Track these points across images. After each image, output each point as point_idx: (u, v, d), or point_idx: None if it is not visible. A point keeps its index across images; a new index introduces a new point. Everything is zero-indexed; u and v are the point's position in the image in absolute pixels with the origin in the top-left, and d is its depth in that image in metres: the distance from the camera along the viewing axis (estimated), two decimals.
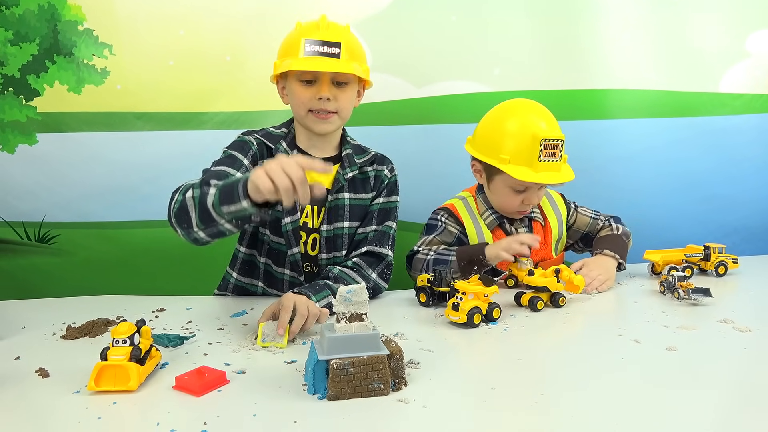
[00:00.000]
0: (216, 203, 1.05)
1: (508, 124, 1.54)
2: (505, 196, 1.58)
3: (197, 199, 1.09)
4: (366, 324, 0.90)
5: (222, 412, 0.82)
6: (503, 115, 1.59)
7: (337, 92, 1.39)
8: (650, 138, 2.21)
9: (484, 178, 1.62)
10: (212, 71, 2.05)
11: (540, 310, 1.33)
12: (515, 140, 1.51)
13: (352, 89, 1.44)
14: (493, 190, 1.60)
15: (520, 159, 1.50)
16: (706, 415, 0.83)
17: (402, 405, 0.85)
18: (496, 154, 1.52)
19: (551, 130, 1.51)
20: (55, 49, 1.98)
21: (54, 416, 0.83)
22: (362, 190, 1.50)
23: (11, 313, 1.29)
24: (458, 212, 1.64)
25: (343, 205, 1.47)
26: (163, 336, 1.11)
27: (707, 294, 1.36)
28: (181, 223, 1.13)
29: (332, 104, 1.39)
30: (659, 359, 1.03)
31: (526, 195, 1.56)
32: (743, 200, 2.28)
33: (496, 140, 1.54)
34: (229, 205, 1.03)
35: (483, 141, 1.58)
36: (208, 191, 1.07)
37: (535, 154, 1.48)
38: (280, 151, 1.44)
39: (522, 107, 1.59)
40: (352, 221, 1.48)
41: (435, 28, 2.12)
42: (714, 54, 2.23)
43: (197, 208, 1.09)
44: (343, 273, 1.39)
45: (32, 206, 2.06)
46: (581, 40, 2.18)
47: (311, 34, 1.37)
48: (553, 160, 1.50)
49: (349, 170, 1.47)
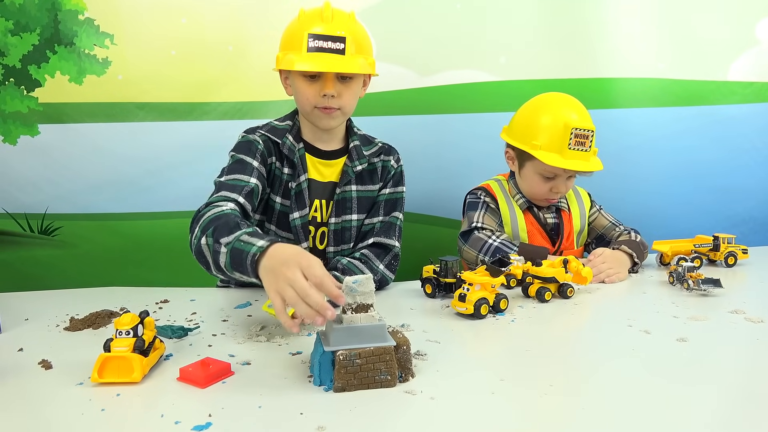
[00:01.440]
0: (228, 266, 1.03)
1: (543, 113, 1.62)
2: (535, 183, 1.65)
3: (211, 254, 1.07)
4: (372, 315, 0.89)
5: (227, 404, 0.81)
6: (539, 105, 1.66)
7: (341, 88, 1.36)
8: (658, 127, 2.19)
9: (516, 165, 1.70)
10: (215, 61, 2.03)
11: (548, 301, 1.31)
12: (548, 128, 1.59)
13: (357, 83, 1.40)
14: (524, 176, 1.68)
15: (551, 146, 1.58)
16: (718, 405, 0.81)
17: (409, 396, 0.83)
18: (530, 140, 1.61)
19: (583, 121, 1.58)
20: (55, 39, 1.96)
21: (57, 408, 0.82)
22: (369, 182, 1.48)
23: (14, 305, 1.28)
24: (494, 191, 1.72)
25: (350, 197, 1.45)
26: (167, 327, 1.10)
27: (717, 284, 1.35)
28: (201, 262, 1.13)
29: (336, 101, 1.36)
30: (670, 350, 1.01)
31: (555, 183, 1.63)
32: (753, 190, 2.25)
33: (531, 128, 1.62)
34: (240, 273, 1.01)
35: (518, 129, 1.66)
36: (219, 250, 1.04)
37: (565, 142, 1.56)
38: (287, 144, 1.40)
39: (557, 99, 1.67)
40: (360, 213, 1.47)
41: (440, 17, 2.09)
42: (722, 41, 2.20)
43: (213, 261, 1.07)
44: (351, 264, 1.38)
45: (35, 198, 2.05)
46: (587, 28, 2.15)
47: (315, 27, 1.32)
48: (582, 149, 1.57)
49: (357, 163, 1.45)
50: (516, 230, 1.68)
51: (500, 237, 1.59)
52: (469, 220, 1.67)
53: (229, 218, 1.10)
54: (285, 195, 1.41)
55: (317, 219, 1.45)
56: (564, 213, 1.72)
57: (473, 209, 1.68)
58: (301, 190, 1.41)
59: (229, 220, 1.09)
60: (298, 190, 1.41)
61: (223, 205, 1.18)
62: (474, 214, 1.67)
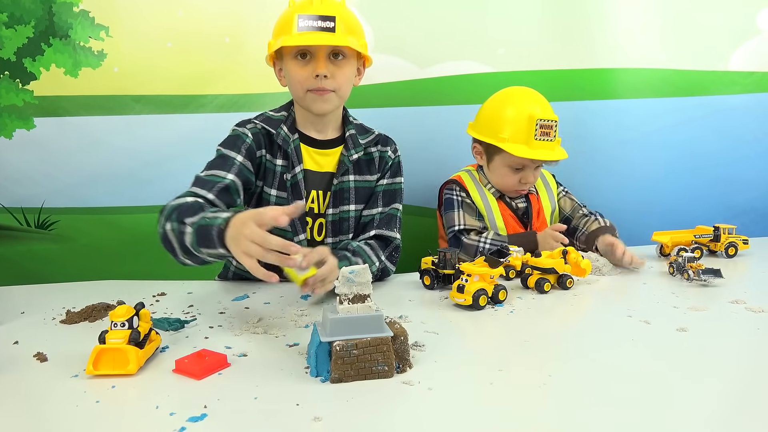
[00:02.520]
0: (194, 244, 1.06)
1: (507, 107, 1.68)
2: (504, 175, 1.70)
3: (176, 236, 1.10)
4: (369, 305, 0.88)
5: (223, 395, 0.80)
6: (503, 99, 1.72)
7: (334, 69, 1.35)
8: (658, 118, 2.17)
9: (485, 159, 1.75)
10: (211, 53, 2.01)
11: (547, 292, 1.31)
12: (513, 121, 1.65)
13: (350, 65, 1.38)
14: (492, 169, 1.73)
15: (517, 138, 1.64)
16: (718, 395, 0.81)
17: (407, 387, 0.83)
18: (496, 134, 1.66)
19: (546, 112, 1.65)
20: (50, 31, 1.94)
21: (52, 400, 0.81)
22: (367, 172, 1.47)
23: (11, 299, 1.27)
24: (465, 183, 1.75)
25: (348, 187, 1.44)
26: (163, 320, 1.09)
27: (718, 275, 1.34)
28: (168, 250, 1.16)
29: (330, 82, 1.35)
30: (670, 340, 1.00)
31: (523, 174, 1.68)
32: (754, 181, 2.24)
33: (496, 122, 1.67)
34: (207, 248, 1.04)
35: (484, 123, 1.72)
36: (185, 230, 1.07)
37: (531, 133, 1.62)
38: (281, 135, 1.40)
39: (520, 93, 1.73)
40: (358, 204, 1.45)
41: (438, 8, 2.07)
42: (723, 31, 2.18)
43: (178, 243, 1.11)
44: (361, 248, 1.36)
45: (31, 192, 2.03)
46: (587, 19, 2.13)
47: (305, 10, 1.33)
48: (547, 139, 1.64)
49: (353, 151, 1.43)
50: (492, 218, 1.71)
51: (489, 237, 1.61)
52: (449, 221, 1.69)
53: (193, 204, 1.14)
54: (281, 187, 1.40)
55: (314, 210, 1.44)
56: (532, 196, 1.78)
57: (450, 209, 1.71)
58: (297, 182, 1.40)
59: (193, 205, 1.14)
60: (293, 181, 1.40)
61: (187, 198, 1.19)
62: (453, 215, 1.69)
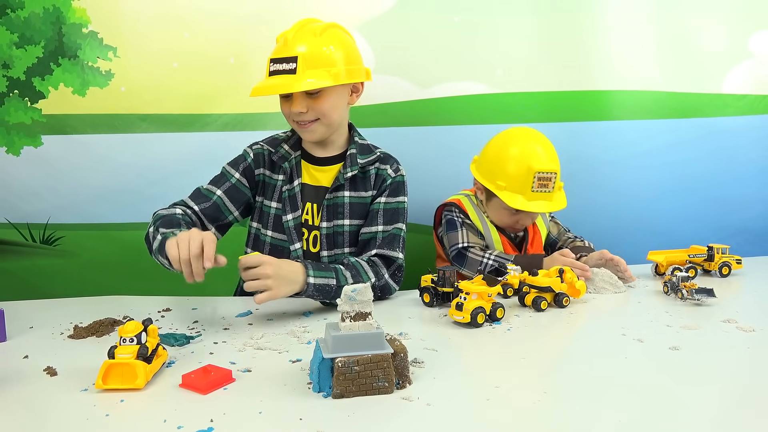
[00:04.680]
0: (156, 250, 1.27)
1: (508, 153, 1.67)
2: (501, 216, 1.72)
3: (152, 239, 1.30)
4: (371, 323, 0.91)
5: (228, 410, 0.83)
6: (505, 143, 1.71)
7: (311, 102, 1.41)
8: (653, 139, 2.21)
9: (484, 196, 1.77)
10: (216, 73, 2.06)
11: (544, 310, 1.33)
12: (512, 170, 1.64)
13: (330, 94, 1.42)
14: (490, 208, 1.75)
15: (514, 187, 1.64)
16: (709, 414, 0.83)
17: (406, 403, 0.85)
18: (494, 179, 1.67)
19: (546, 163, 1.62)
20: (59, 51, 1.99)
21: (62, 414, 0.83)
22: (362, 189, 1.51)
23: (19, 313, 1.30)
24: (464, 207, 1.77)
25: (342, 203, 1.48)
26: (169, 336, 1.12)
27: (711, 294, 1.37)
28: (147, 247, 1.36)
29: (309, 115, 1.42)
30: (663, 358, 1.03)
31: (520, 216, 1.70)
32: (747, 201, 2.28)
33: (497, 167, 1.68)
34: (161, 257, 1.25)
35: (485, 165, 1.73)
36: (156, 237, 1.28)
37: (528, 185, 1.62)
38: (281, 153, 1.50)
39: (523, 137, 1.72)
40: (353, 219, 1.49)
41: (438, 30, 2.12)
42: (717, 54, 2.23)
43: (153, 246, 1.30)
44: (358, 263, 1.39)
45: (37, 208, 2.07)
46: (584, 42, 2.18)
47: (275, 53, 1.41)
48: (545, 190, 1.64)
49: (349, 170, 1.48)
50: (491, 244, 1.74)
51: (493, 254, 1.64)
52: (451, 240, 1.71)
53: (173, 218, 1.34)
54: (280, 199, 1.49)
55: (309, 222, 1.50)
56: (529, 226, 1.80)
57: (453, 229, 1.72)
58: (294, 194, 1.48)
59: (173, 218, 1.34)
60: (291, 193, 1.48)
61: (176, 209, 1.40)
62: (456, 234, 1.71)
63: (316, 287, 1.28)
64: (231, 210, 1.48)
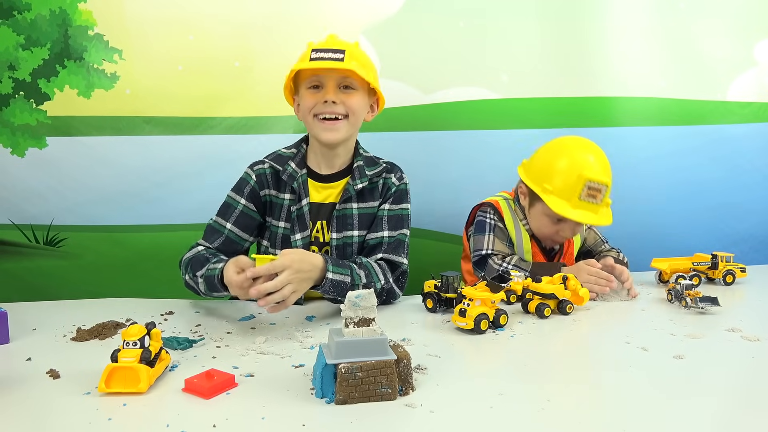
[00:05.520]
0: (206, 291, 1.32)
1: (562, 158, 1.62)
2: (543, 224, 1.66)
3: (194, 284, 1.36)
4: (374, 329, 0.91)
5: (231, 415, 0.83)
6: (560, 148, 1.66)
7: (343, 96, 1.42)
8: (657, 146, 2.21)
9: (527, 201, 1.70)
10: (221, 76, 2.06)
11: (547, 317, 1.33)
12: (562, 175, 1.58)
13: (360, 96, 1.45)
14: (533, 215, 1.69)
15: (562, 193, 1.58)
16: (713, 423, 0.83)
17: (409, 410, 0.85)
18: (542, 183, 1.61)
19: (598, 174, 1.57)
20: (65, 53, 1.99)
21: (65, 417, 0.83)
22: (370, 199, 1.51)
23: (22, 315, 1.30)
24: (502, 210, 1.71)
25: (351, 214, 1.48)
26: (172, 339, 1.12)
27: (715, 303, 1.36)
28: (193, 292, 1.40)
29: (339, 107, 1.41)
30: (667, 367, 1.03)
31: (562, 227, 1.63)
32: (751, 209, 2.27)
33: (547, 171, 1.61)
34: (215, 292, 1.30)
35: (535, 168, 1.66)
36: (198, 281, 1.33)
37: (576, 192, 1.55)
38: (288, 171, 1.47)
39: (579, 145, 1.66)
40: (362, 230, 1.49)
41: (443, 35, 2.12)
42: (721, 62, 2.23)
43: (197, 290, 1.36)
44: (369, 264, 1.39)
45: (41, 209, 2.07)
46: (589, 48, 2.18)
47: (319, 45, 1.43)
48: (593, 201, 1.57)
49: (359, 182, 1.48)
50: (521, 251, 1.70)
51: (512, 262, 1.61)
52: (477, 244, 1.67)
53: (200, 257, 1.38)
54: (287, 219, 1.47)
55: (319, 239, 1.48)
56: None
57: (481, 232, 1.68)
58: (303, 213, 1.46)
59: (200, 257, 1.38)
60: (299, 213, 1.46)
61: (199, 249, 1.44)
62: (483, 238, 1.67)
63: (333, 283, 1.28)
64: (245, 238, 1.48)
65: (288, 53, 1.91)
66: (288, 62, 1.46)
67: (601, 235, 1.82)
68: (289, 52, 1.90)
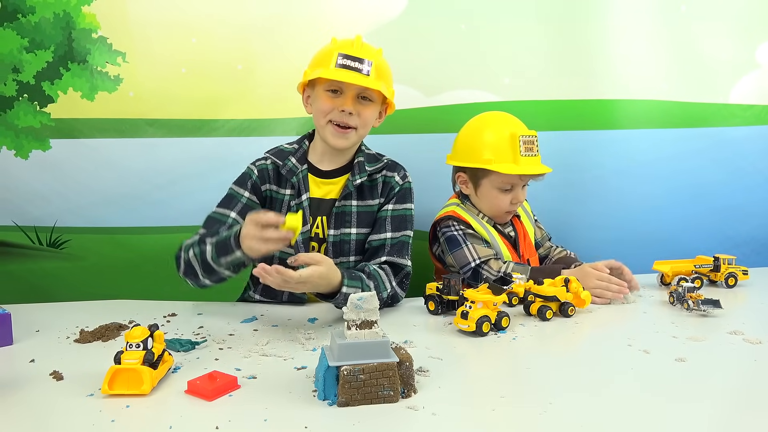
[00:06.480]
0: (214, 257, 1.27)
1: (486, 131, 1.71)
2: (494, 198, 1.69)
3: (198, 256, 1.31)
4: (376, 331, 0.91)
5: (233, 417, 0.83)
6: (479, 125, 1.75)
7: (360, 108, 1.44)
8: (660, 148, 2.21)
9: (471, 187, 1.73)
10: (224, 79, 2.06)
11: (549, 319, 1.33)
12: (495, 142, 1.66)
13: (375, 108, 1.48)
14: (482, 195, 1.71)
15: (503, 157, 1.65)
16: (714, 426, 0.83)
17: (411, 412, 0.85)
18: (479, 158, 1.66)
19: (525, 129, 1.69)
20: (69, 56, 2.00)
21: (68, 419, 0.84)
22: (369, 197, 1.51)
23: (25, 317, 1.30)
24: (462, 216, 1.71)
25: (350, 211, 1.49)
26: (175, 341, 1.12)
27: (717, 305, 1.36)
28: (189, 275, 1.36)
29: (354, 119, 1.43)
30: (668, 370, 1.03)
31: (514, 193, 1.68)
32: (753, 211, 2.27)
33: (477, 147, 1.68)
34: (225, 256, 1.26)
35: (464, 150, 1.73)
36: (205, 249, 1.29)
37: (516, 150, 1.64)
38: (288, 166, 1.48)
39: (494, 116, 1.77)
40: (360, 227, 1.49)
41: (445, 38, 2.12)
42: (724, 64, 2.22)
43: (200, 262, 1.31)
44: (377, 272, 1.39)
45: (44, 211, 2.07)
46: (591, 51, 2.18)
47: (345, 49, 1.42)
48: (531, 154, 1.66)
49: (358, 177, 1.48)
50: (496, 246, 1.69)
51: (509, 267, 1.60)
52: (460, 260, 1.63)
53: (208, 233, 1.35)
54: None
55: (319, 235, 1.49)
56: (516, 221, 1.79)
57: (457, 246, 1.65)
58: (303, 208, 1.46)
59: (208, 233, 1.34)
60: (300, 208, 1.46)
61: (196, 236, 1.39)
62: (463, 252, 1.64)
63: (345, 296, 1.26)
64: None
65: (290, 56, 1.92)
66: (290, 65, 1.47)
67: (545, 230, 1.88)
68: (292, 55, 1.91)
